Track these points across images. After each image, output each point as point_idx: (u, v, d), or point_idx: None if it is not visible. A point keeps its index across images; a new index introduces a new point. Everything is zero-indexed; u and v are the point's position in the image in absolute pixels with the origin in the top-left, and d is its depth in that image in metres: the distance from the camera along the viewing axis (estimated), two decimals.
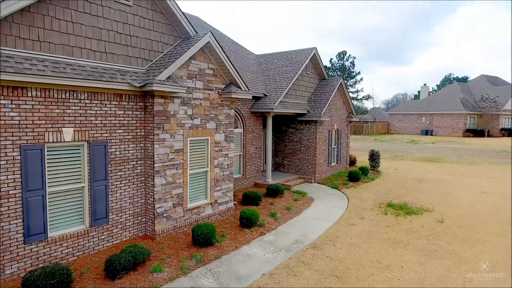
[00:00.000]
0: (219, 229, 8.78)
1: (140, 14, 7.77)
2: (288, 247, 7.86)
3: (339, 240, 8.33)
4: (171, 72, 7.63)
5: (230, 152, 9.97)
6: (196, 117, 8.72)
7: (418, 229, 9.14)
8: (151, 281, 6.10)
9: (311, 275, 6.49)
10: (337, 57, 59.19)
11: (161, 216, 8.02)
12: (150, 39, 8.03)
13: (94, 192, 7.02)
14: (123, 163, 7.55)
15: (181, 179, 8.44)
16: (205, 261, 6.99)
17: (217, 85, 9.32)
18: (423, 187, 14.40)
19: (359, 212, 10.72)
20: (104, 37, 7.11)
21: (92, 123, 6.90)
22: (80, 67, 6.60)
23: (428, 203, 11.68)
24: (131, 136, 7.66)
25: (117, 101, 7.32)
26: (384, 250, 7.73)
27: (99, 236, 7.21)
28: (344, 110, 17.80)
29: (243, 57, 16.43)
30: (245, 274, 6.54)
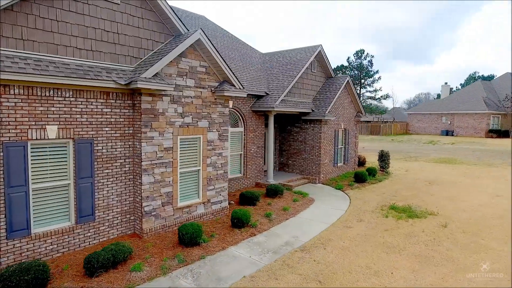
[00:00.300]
0: (209, 228, 8.67)
1: (129, 12, 7.76)
2: (277, 249, 7.63)
3: (331, 243, 8.02)
4: (157, 70, 7.58)
5: (224, 151, 9.83)
6: (187, 115, 8.64)
7: (418, 233, 8.67)
8: (128, 280, 6.05)
9: (293, 279, 6.24)
10: (355, 56, 57.96)
11: (149, 214, 7.98)
12: (139, 37, 8.01)
13: (79, 189, 7.06)
14: (110, 160, 7.56)
15: (170, 178, 8.38)
16: (187, 261, 6.88)
17: (210, 83, 9.21)
18: (433, 189, 13.73)
19: (358, 214, 10.32)
20: (91, 35, 7.14)
21: (77, 121, 6.94)
22: (64, 65, 6.65)
23: (434, 206, 11.11)
24: (118, 134, 7.67)
25: (103, 99, 7.34)
26: (377, 255, 7.36)
27: (85, 233, 7.25)
28: (352, 109, 17.29)
29: (247, 55, 16.28)
30: (225, 276, 6.38)
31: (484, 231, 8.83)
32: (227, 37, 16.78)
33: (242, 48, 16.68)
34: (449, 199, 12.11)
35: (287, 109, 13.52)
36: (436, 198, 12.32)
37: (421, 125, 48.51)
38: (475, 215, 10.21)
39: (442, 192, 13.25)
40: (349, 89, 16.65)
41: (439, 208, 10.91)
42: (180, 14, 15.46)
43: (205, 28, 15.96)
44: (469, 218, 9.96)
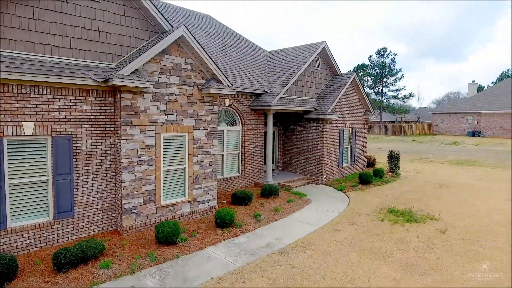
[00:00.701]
0: (192, 228, 8.56)
1: (110, 10, 7.78)
2: (255, 251, 7.39)
3: (314, 246, 7.66)
4: (136, 67, 7.55)
5: (212, 149, 9.69)
6: (171, 113, 8.57)
7: (412, 239, 8.12)
8: (94, 277, 6.03)
9: (261, 283, 5.98)
10: (377, 54, 56.21)
11: (129, 212, 7.98)
12: (121, 35, 8.02)
13: (57, 185, 7.15)
14: (90, 157, 7.62)
15: (153, 176, 8.34)
16: (159, 260, 6.78)
17: (196, 80, 9.10)
18: (441, 192, 12.92)
19: (353, 217, 9.85)
20: (70, 33, 7.21)
21: (55, 118, 7.03)
22: (40, 62, 6.75)
23: (437, 211, 10.42)
24: (99, 131, 7.71)
25: (83, 96, 7.40)
26: (359, 261, 6.94)
27: (63, 229, 7.34)
28: (360, 108, 16.65)
29: (251, 53, 16.08)
30: (193, 277, 6.22)
31: (486, 239, 8.13)
32: (231, 35, 16.66)
33: (246, 46, 16.50)
34: (456, 204, 11.32)
35: (286, 107, 13.18)
36: (442, 202, 11.56)
37: (445, 125, 46.19)
38: (481, 221, 9.45)
39: (451, 195, 12.43)
40: (356, 87, 16.04)
41: (442, 213, 10.22)
42: (184, 13, 15.53)
43: (209, 26, 15.93)
44: (473, 224, 9.24)
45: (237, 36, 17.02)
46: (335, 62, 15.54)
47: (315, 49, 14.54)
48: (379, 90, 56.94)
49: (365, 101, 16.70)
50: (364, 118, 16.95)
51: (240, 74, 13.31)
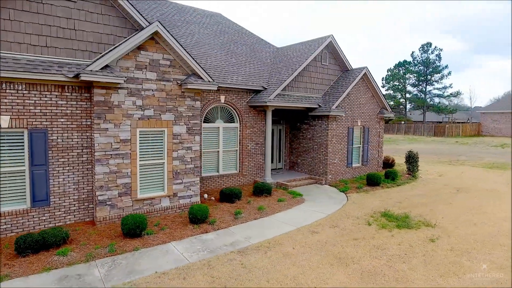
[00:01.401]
0: (165, 222, 8.61)
1: (87, 9, 8.11)
2: (216, 249, 7.21)
3: (278, 247, 7.28)
4: (106, 63, 7.76)
5: (194, 145, 9.67)
6: (147, 108, 8.71)
7: (391, 246, 7.37)
8: (48, 263, 6.30)
9: (201, 280, 5.79)
10: (420, 50, 52.52)
11: (103, 203, 8.24)
12: (99, 33, 8.32)
13: (33, 175, 7.61)
14: (66, 150, 8.00)
15: (128, 169, 8.54)
16: (117, 251, 6.90)
17: (176, 76, 9.15)
18: (456, 197, 11.61)
19: (339, 219, 9.22)
20: (45, 33, 7.64)
21: (30, 112, 7.49)
22: (15, 60, 7.23)
23: (440, 217, 9.37)
24: (75, 125, 8.07)
25: (58, 92, 7.79)
26: (317, 266, 6.44)
27: (39, 217, 7.79)
28: (374, 105, 15.60)
29: (258, 50, 15.85)
30: (140, 270, 6.22)
31: (481, 251, 7.11)
32: (240, 33, 16.58)
33: (254, 43, 16.31)
34: (467, 210, 10.09)
35: (286, 104, 12.77)
36: (451, 207, 10.38)
37: (496, 125, 41.67)
38: (486, 231, 8.30)
39: (465, 201, 11.12)
40: (368, 83, 15.06)
41: (444, 220, 9.17)
42: (192, 13, 15.78)
43: (217, 25, 16.02)
44: (475, 233, 8.14)
45: (247, 34, 16.89)
46: (344, 56, 14.74)
47: (319, 43, 13.91)
48: (423, 88, 53.15)
49: (379, 98, 15.61)
50: (380, 116, 15.85)
51: (240, 71, 13.16)
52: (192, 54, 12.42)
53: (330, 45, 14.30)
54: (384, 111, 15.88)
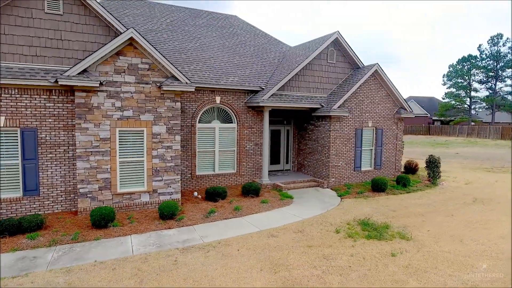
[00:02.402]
0: (137, 216, 9.16)
1: (72, 20, 9.03)
2: (165, 244, 7.48)
3: (224, 248, 7.28)
4: (83, 68, 8.56)
5: (174, 144, 10.10)
6: (126, 109, 9.36)
7: (342, 257, 6.86)
8: (17, 244, 7.21)
9: (127, 272, 6.11)
10: (489, 43, 46.51)
11: (84, 196, 9.09)
12: (83, 41, 9.20)
13: (24, 168, 8.74)
14: (54, 147, 9.02)
15: (108, 165, 9.28)
16: (79, 239, 7.59)
17: (155, 79, 9.66)
18: (466, 209, 10.21)
19: (310, 225, 8.82)
20: (35, 43, 8.71)
21: (22, 113, 8.62)
22: (8, 69, 8.39)
23: (426, 230, 8.40)
24: (62, 124, 9.06)
25: (46, 95, 8.83)
26: (246, 270, 6.30)
27: (30, 205, 8.92)
28: (389, 104, 14.42)
29: (266, 50, 15.77)
30: (86, 257, 6.76)
31: (440, 272, 6.23)
32: (251, 34, 16.68)
33: (265, 44, 16.26)
34: (466, 224, 8.84)
35: (282, 104, 12.54)
36: (450, 220, 9.19)
37: None
38: (467, 249, 7.23)
39: (473, 214, 9.73)
40: (381, 80, 13.97)
41: (429, 233, 8.20)
42: (206, 16, 16.36)
43: (229, 27, 16.36)
44: (450, 251, 7.14)
45: (260, 35, 16.90)
46: (354, 53, 13.91)
47: (323, 41, 13.34)
48: (492, 85, 46.98)
49: (396, 97, 14.37)
50: (397, 116, 14.59)
51: (238, 72, 13.29)
52: (192, 57, 12.94)
53: (337, 42, 13.62)
54: (402, 111, 14.57)
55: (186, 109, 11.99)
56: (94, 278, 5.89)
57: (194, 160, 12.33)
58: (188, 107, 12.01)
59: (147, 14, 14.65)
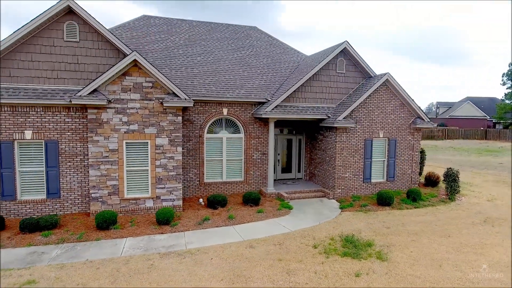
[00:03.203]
0: (139, 220, 10.15)
1: (87, 46, 10.32)
2: (151, 248, 8.29)
3: (200, 256, 7.88)
4: (93, 88, 9.76)
5: (176, 155, 10.96)
6: (132, 123, 10.43)
7: (305, 273, 7.04)
8: (33, 240, 8.55)
9: (107, 272, 6.99)
10: None
11: (95, 200, 10.34)
12: (97, 64, 10.46)
13: (48, 174, 10.24)
14: (72, 156, 10.41)
15: (116, 174, 10.44)
16: (83, 239, 8.73)
17: (157, 95, 10.61)
18: (471, 230, 9.57)
19: (293, 238, 9.05)
20: (56, 68, 10.14)
21: (46, 128, 10.11)
22: (34, 90, 9.90)
23: (409, 251, 8.15)
24: (78, 137, 10.41)
25: (65, 112, 10.23)
26: (208, 278, 6.81)
27: (53, 206, 10.40)
28: (404, 114, 13.82)
29: (280, 61, 16.04)
30: (82, 256, 7.80)
31: None
32: (269, 44, 17.06)
33: (281, 54, 16.55)
34: (459, 247, 8.37)
35: (287, 116, 12.78)
36: (444, 241, 8.76)
37: None
38: (443, 276, 6.93)
39: (474, 236, 9.12)
40: (394, 90, 13.47)
41: (411, 254, 7.96)
42: (226, 29, 17.16)
43: (246, 38, 16.96)
44: (422, 276, 6.92)
45: (276, 45, 17.21)
46: (364, 63, 13.61)
47: (330, 52, 13.28)
48: None
49: (411, 106, 13.74)
50: (413, 126, 13.93)
51: (246, 84, 13.81)
52: (202, 71, 13.77)
53: (347, 52, 13.47)
54: (419, 121, 13.88)
55: (194, 120, 12.85)
56: (78, 275, 6.88)
57: (202, 168, 13.14)
58: (196, 118, 12.86)
59: (168, 31, 15.83)
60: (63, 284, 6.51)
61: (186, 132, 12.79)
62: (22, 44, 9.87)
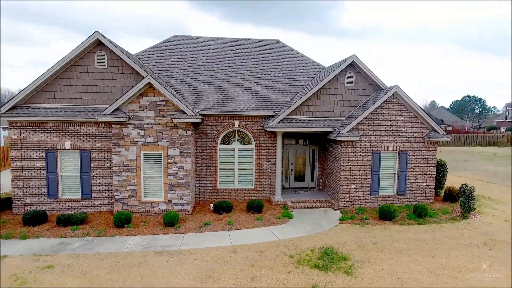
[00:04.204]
0: (150, 220, 11.72)
1: (113, 71, 12.21)
2: (150, 247, 9.70)
3: (187, 256, 9.05)
4: (115, 107, 11.58)
5: (185, 165, 12.34)
6: (148, 137, 12.07)
7: (267, 280, 7.78)
8: (64, 233, 10.56)
9: (107, 263, 8.53)
10: None
11: (118, 201, 12.19)
12: (121, 86, 12.30)
13: (82, 179, 12.36)
14: (100, 164, 12.40)
15: (135, 180, 12.17)
16: (101, 235, 10.53)
17: (169, 112, 12.10)
18: (462, 252, 9.27)
19: (276, 246, 9.76)
20: (89, 90, 12.19)
21: (81, 140, 12.23)
22: (71, 109, 12.05)
23: (381, 268, 8.35)
24: (106, 148, 12.37)
25: (96, 127, 12.25)
26: (183, 276, 7.94)
27: (86, 204, 12.51)
28: (418, 127, 13.46)
29: (296, 74, 16.58)
30: (96, 249, 9.54)
31: None
32: (288, 57, 17.69)
33: (298, 67, 17.08)
34: (435, 268, 8.30)
35: (292, 129, 13.41)
36: (422, 261, 8.72)
37: None
38: None
39: (460, 258, 8.87)
40: (405, 103, 13.22)
41: (381, 271, 8.18)
42: (247, 43, 18.27)
43: (267, 53, 17.84)
44: None
45: (295, 57, 17.75)
46: (374, 76, 13.60)
47: (338, 66, 13.53)
48: None
49: (424, 119, 13.32)
50: (427, 140, 13.48)
51: (258, 98, 14.71)
52: (218, 87, 15.03)
53: (356, 65, 13.60)
54: (433, 134, 13.39)
55: (208, 132, 14.16)
56: (85, 264, 8.53)
57: (215, 175, 14.40)
58: (210, 130, 14.16)
59: (194, 49, 17.43)
60: (72, 270, 8.19)
61: (201, 143, 14.17)
62: (64, 72, 12.10)
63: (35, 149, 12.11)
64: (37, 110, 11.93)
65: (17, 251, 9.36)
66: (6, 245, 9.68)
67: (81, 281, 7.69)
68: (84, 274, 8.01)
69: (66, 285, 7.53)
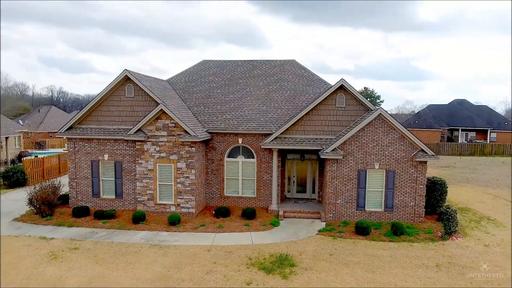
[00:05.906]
0: (160, 220, 14.58)
1: (138, 99, 15.47)
2: (150, 240, 12.49)
3: (171, 250, 11.54)
4: (137, 128, 14.76)
5: (191, 175, 14.97)
6: (162, 152, 15.02)
7: (215, 275, 9.77)
8: (96, 224, 14.05)
9: (109, 250, 11.49)
10: None
11: (140, 202, 15.41)
12: (144, 110, 15.46)
13: (116, 183, 15.91)
14: (129, 172, 15.79)
15: (152, 186, 15.24)
16: (121, 228, 13.73)
17: (178, 132, 14.87)
18: (408, 272, 9.95)
19: (245, 249, 11.66)
20: (121, 114, 15.65)
21: (116, 153, 15.77)
22: (109, 129, 15.64)
23: (315, 277, 9.70)
24: (133, 159, 15.71)
25: (126, 143, 15.66)
26: (148, 266, 10.41)
27: (118, 203, 16.03)
28: (405, 147, 13.83)
29: (303, 94, 17.87)
30: (111, 238, 12.71)
31: None
32: (298, 77, 19.08)
33: (305, 86, 18.35)
34: (364, 282, 9.27)
35: (284, 146, 15.05)
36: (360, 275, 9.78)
37: None
38: None
39: (399, 277, 9.63)
40: (390, 124, 13.75)
41: (313, 279, 9.56)
42: (263, 65, 20.28)
43: (280, 73, 19.54)
44: None
45: (305, 77, 18.98)
46: (362, 98, 14.40)
47: (328, 89, 14.68)
48: None
49: (411, 140, 13.63)
50: (416, 159, 13.74)
51: (260, 117, 16.59)
52: (227, 107, 17.35)
53: (343, 89, 14.59)
54: (420, 154, 13.62)
55: (216, 147, 16.61)
56: (98, 249, 11.65)
57: (223, 184, 16.78)
58: (218, 146, 16.59)
59: (215, 73, 20.01)
60: (88, 252, 11.35)
61: (210, 156, 16.70)
62: (104, 100, 15.79)
63: (84, 159, 16.05)
64: (85, 131, 15.84)
65: (61, 235, 13.04)
66: (56, 231, 13.47)
67: (89, 261, 10.77)
68: (94, 256, 11.10)
69: (80, 262, 10.68)
